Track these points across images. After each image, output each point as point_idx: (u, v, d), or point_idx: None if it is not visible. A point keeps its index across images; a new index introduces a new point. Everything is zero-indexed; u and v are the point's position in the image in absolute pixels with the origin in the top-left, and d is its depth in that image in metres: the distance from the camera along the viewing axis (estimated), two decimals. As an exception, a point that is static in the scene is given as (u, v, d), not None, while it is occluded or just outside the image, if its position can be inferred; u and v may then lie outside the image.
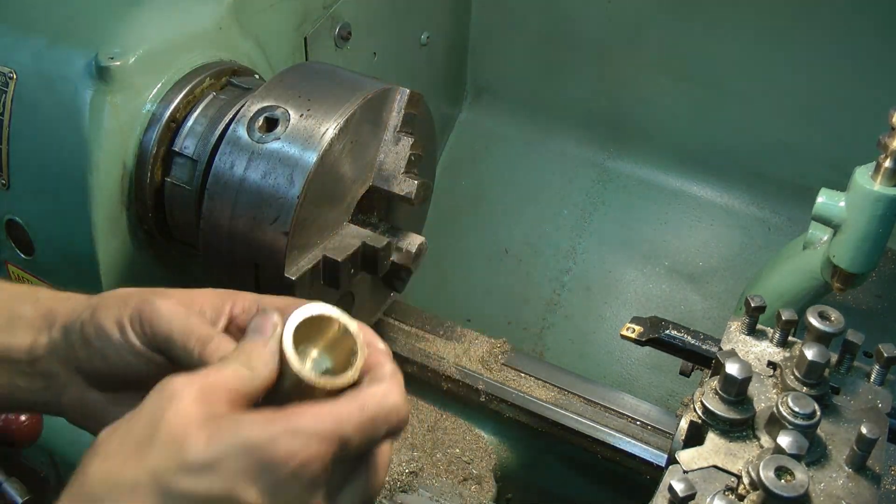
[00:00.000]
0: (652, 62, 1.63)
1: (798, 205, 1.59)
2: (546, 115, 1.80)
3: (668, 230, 1.70)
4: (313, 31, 1.23)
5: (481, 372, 1.17)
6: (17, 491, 0.96)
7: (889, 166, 0.92)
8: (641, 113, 1.70)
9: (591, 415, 1.12)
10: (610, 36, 1.64)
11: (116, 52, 0.91)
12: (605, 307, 1.69)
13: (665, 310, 1.63)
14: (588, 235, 1.75)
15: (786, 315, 0.77)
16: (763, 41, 1.50)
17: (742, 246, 1.65)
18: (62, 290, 0.73)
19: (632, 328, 1.00)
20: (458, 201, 1.82)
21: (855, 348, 0.75)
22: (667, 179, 1.73)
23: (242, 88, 1.00)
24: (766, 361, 0.76)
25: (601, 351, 1.65)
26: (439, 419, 1.19)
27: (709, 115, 1.62)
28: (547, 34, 1.72)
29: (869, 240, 0.95)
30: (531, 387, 1.16)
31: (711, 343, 0.95)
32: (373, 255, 0.94)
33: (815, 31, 1.45)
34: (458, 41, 1.77)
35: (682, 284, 1.66)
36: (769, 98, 1.54)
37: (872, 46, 1.41)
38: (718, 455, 0.66)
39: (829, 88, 1.48)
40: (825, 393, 0.71)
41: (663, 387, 1.58)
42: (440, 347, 1.21)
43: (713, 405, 0.68)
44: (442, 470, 1.12)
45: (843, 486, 0.64)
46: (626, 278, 1.70)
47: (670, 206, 1.71)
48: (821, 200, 0.98)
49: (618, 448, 1.09)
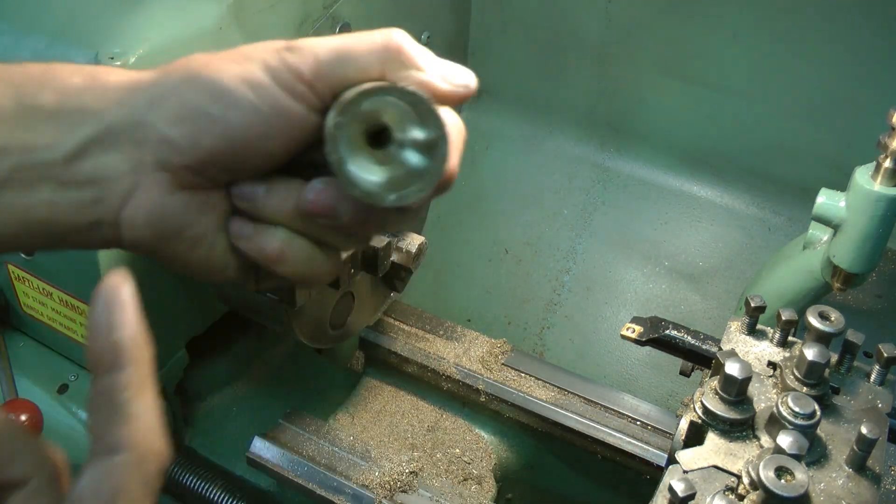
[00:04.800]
0: (652, 62, 1.63)
1: (798, 205, 1.59)
2: (546, 115, 1.79)
3: (668, 230, 1.70)
4: (313, 31, 1.23)
5: (481, 372, 1.17)
6: (17, 491, 0.96)
7: (889, 166, 0.91)
8: (641, 113, 1.70)
9: (591, 415, 1.12)
10: (610, 36, 1.64)
11: (117, 51, 0.91)
12: (605, 307, 1.69)
13: (665, 310, 1.63)
14: (588, 235, 1.75)
15: (786, 315, 0.77)
16: (763, 41, 1.50)
17: (742, 246, 1.65)
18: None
19: (632, 328, 1.00)
20: (458, 201, 1.82)
21: (855, 348, 0.75)
22: (667, 179, 1.73)
23: (242, 88, 1.00)
24: (766, 361, 0.76)
25: (601, 351, 1.65)
26: (439, 419, 1.19)
27: (709, 115, 1.62)
28: (547, 34, 1.71)
29: (869, 240, 0.95)
30: (531, 387, 1.16)
31: (711, 343, 0.95)
32: (373, 255, 0.94)
33: (816, 31, 1.44)
34: (458, 41, 1.77)
35: (682, 284, 1.66)
36: (769, 98, 1.54)
37: (873, 46, 1.41)
38: (718, 455, 0.66)
39: (829, 88, 1.48)
40: (825, 393, 0.71)
41: (663, 387, 1.58)
42: (440, 347, 1.21)
43: (713, 405, 0.68)
44: (442, 470, 1.11)
45: (843, 486, 0.64)
46: (626, 278, 1.70)
47: (670, 206, 1.71)
48: (821, 200, 0.98)
49: (618, 448, 1.09)
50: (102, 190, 0.52)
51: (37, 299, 1.04)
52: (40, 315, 1.06)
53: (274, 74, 0.52)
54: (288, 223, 0.57)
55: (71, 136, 0.51)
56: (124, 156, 0.52)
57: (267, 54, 0.54)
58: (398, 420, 1.18)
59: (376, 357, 1.25)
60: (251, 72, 0.52)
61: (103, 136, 0.52)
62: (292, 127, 0.53)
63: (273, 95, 0.52)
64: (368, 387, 1.23)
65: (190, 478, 1.08)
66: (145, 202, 0.53)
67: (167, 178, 0.53)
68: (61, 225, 0.52)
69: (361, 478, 1.00)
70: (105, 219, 0.53)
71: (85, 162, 0.51)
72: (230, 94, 0.51)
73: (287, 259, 0.57)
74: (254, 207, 0.56)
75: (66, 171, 0.51)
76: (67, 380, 1.08)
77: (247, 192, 0.56)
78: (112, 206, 0.53)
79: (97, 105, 0.52)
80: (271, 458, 1.02)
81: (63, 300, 1.00)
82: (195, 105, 0.52)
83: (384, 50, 0.55)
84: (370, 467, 1.01)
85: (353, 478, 1.00)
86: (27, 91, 0.51)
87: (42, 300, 1.04)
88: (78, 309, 0.99)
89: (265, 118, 0.52)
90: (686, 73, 1.61)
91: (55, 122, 0.51)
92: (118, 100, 0.52)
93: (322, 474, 1.00)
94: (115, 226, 0.53)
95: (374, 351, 1.25)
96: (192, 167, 0.53)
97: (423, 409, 1.20)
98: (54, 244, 0.54)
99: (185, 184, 0.54)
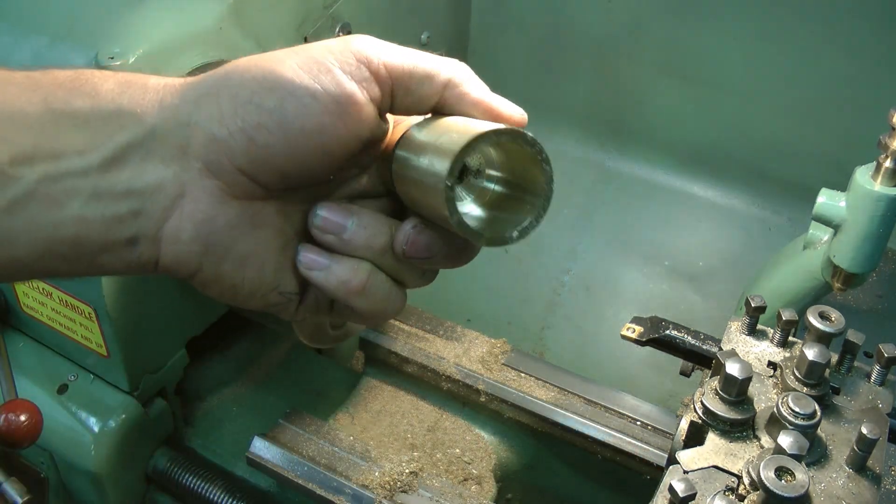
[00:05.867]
0: (652, 62, 1.63)
1: (798, 205, 1.59)
2: (546, 116, 1.79)
3: (668, 230, 1.70)
4: (313, 31, 1.23)
5: (481, 372, 1.17)
6: (17, 491, 0.96)
7: (889, 166, 0.91)
8: (641, 113, 1.70)
9: (591, 415, 1.12)
10: (610, 36, 1.64)
11: (116, 51, 0.91)
12: (605, 307, 1.69)
13: (665, 310, 1.63)
14: (588, 235, 1.75)
15: (786, 315, 0.77)
16: (763, 41, 1.50)
17: (742, 246, 1.65)
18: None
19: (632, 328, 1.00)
20: (458, 201, 1.82)
21: (855, 348, 0.75)
22: (667, 179, 1.73)
23: (242, 88, 1.00)
24: (767, 361, 0.76)
25: (601, 351, 1.65)
26: (439, 419, 1.19)
27: (709, 115, 1.62)
28: (547, 34, 1.71)
29: (869, 240, 0.95)
30: (531, 387, 1.16)
31: (712, 343, 0.95)
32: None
33: (816, 31, 1.44)
34: (458, 41, 1.77)
35: (682, 284, 1.66)
36: (769, 98, 1.54)
37: (873, 46, 1.41)
38: (718, 455, 0.66)
39: (829, 88, 1.48)
40: (825, 393, 0.71)
41: (663, 387, 1.58)
42: (440, 347, 1.21)
43: (713, 405, 0.68)
44: (442, 470, 1.11)
45: (843, 486, 0.64)
46: (626, 278, 1.70)
47: (670, 206, 1.71)
48: (821, 200, 0.98)
49: (618, 448, 1.09)
50: (142, 201, 0.46)
51: (37, 299, 1.04)
52: (40, 315, 1.06)
53: (338, 56, 0.49)
54: (373, 258, 0.54)
55: (107, 141, 0.45)
56: (168, 162, 0.46)
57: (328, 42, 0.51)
58: (398, 420, 1.18)
59: (376, 357, 1.25)
60: (311, 56, 0.48)
61: (143, 141, 0.46)
62: (354, 119, 0.49)
63: (336, 80, 0.48)
64: (368, 387, 1.23)
65: (190, 478, 1.08)
66: (193, 213, 0.47)
67: (217, 186, 0.48)
68: (92, 244, 0.46)
69: (361, 478, 1.00)
70: (144, 234, 0.47)
71: (122, 170, 0.46)
72: (287, 83, 0.46)
73: (369, 293, 0.54)
74: (339, 240, 0.53)
75: (101, 181, 0.45)
76: (67, 380, 1.07)
77: (332, 222, 0.53)
78: (153, 220, 0.47)
79: (136, 108, 0.47)
80: (271, 458, 1.02)
81: (63, 300, 1.00)
82: (247, 98, 0.46)
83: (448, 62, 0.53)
84: (370, 467, 1.01)
85: (353, 478, 1.00)
86: (57, 96, 0.46)
87: (42, 300, 1.04)
88: (78, 309, 0.99)
89: (325, 107, 0.47)
90: (686, 73, 1.61)
91: (89, 127, 0.45)
92: (160, 101, 0.47)
93: (322, 474, 1.00)
94: (155, 242, 0.48)
95: (374, 351, 1.25)
96: (244, 170, 0.48)
97: (423, 409, 1.20)
98: (81, 268, 0.48)
99: (236, 192, 0.49)
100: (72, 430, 1.05)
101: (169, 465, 1.10)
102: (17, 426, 0.93)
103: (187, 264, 0.49)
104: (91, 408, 1.05)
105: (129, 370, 1.03)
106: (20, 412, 0.94)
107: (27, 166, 0.44)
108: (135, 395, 1.05)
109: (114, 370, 1.04)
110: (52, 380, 1.08)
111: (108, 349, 1.00)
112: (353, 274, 0.53)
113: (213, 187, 0.48)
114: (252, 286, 0.53)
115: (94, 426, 1.04)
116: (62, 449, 1.06)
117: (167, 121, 0.47)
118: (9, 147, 0.43)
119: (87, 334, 1.01)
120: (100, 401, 1.05)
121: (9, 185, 0.43)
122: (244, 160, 0.47)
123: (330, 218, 0.53)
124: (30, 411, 0.95)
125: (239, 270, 0.51)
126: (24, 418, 0.94)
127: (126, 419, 1.05)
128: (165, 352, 1.08)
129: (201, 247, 0.49)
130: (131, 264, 0.48)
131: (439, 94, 0.52)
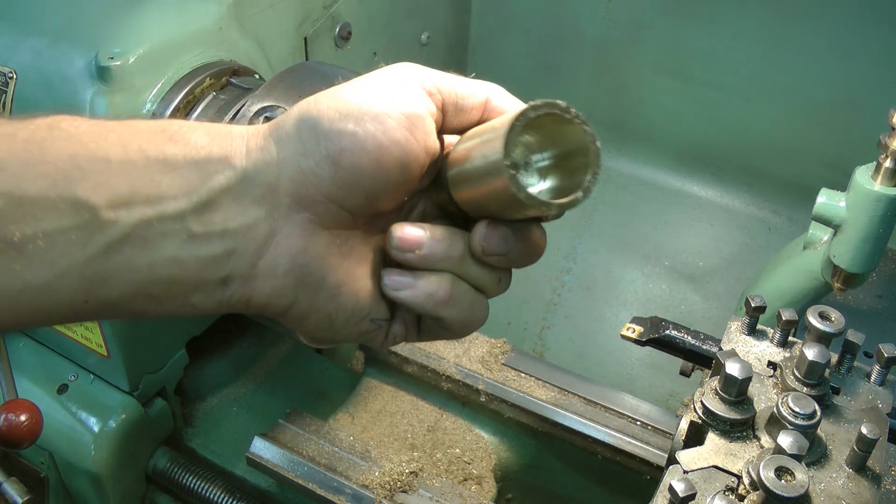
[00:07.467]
0: (652, 62, 1.63)
1: (798, 205, 1.59)
2: (546, 115, 1.79)
3: (668, 230, 1.70)
4: (313, 31, 1.23)
5: (481, 372, 1.17)
6: (17, 491, 0.96)
7: (889, 166, 0.91)
8: (641, 113, 1.70)
9: (591, 415, 1.12)
10: (610, 36, 1.64)
11: (116, 51, 0.91)
12: (605, 307, 1.69)
13: (665, 310, 1.63)
14: (588, 235, 1.75)
15: (786, 315, 0.77)
16: (763, 41, 1.50)
17: (742, 246, 1.65)
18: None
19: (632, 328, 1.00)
20: (458, 201, 1.82)
21: (855, 348, 0.75)
22: (667, 179, 1.73)
23: (242, 88, 1.00)
24: (767, 361, 0.76)
25: (601, 351, 1.65)
26: (439, 419, 1.19)
27: (709, 115, 1.62)
28: (547, 34, 1.71)
29: (869, 240, 0.95)
30: (531, 387, 1.16)
31: (711, 343, 0.95)
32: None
33: (816, 31, 1.45)
34: (458, 41, 1.77)
35: (682, 284, 1.66)
36: (769, 98, 1.54)
37: (873, 47, 1.41)
38: (718, 455, 0.66)
39: (829, 88, 1.48)
40: (825, 393, 0.71)
41: (663, 387, 1.58)
42: (440, 347, 1.21)
43: (713, 405, 0.68)
44: (442, 470, 1.11)
45: (843, 486, 0.64)
46: (626, 278, 1.70)
47: (670, 206, 1.71)
48: (821, 200, 0.98)
49: (618, 448, 1.09)
50: (236, 241, 0.49)
51: (37, 299, 1.04)
52: (40, 315, 1.06)
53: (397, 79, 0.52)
54: (454, 269, 0.57)
55: (201, 186, 0.48)
56: (259, 202, 0.49)
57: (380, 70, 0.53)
58: (398, 420, 1.18)
59: (376, 357, 1.25)
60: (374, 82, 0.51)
61: (235, 184, 0.49)
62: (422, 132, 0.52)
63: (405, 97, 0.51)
64: (368, 387, 1.23)
65: (190, 478, 1.08)
66: (286, 247, 0.50)
67: (307, 218, 0.50)
68: (186, 284, 0.49)
69: (361, 478, 1.00)
70: (238, 272, 0.49)
71: (216, 213, 0.48)
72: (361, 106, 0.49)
73: (456, 301, 0.57)
74: (418, 257, 0.55)
75: (196, 224, 0.47)
76: (67, 380, 1.07)
77: (408, 240, 0.55)
78: (247, 258, 0.49)
79: (226, 154, 0.49)
80: (271, 458, 1.02)
81: (63, 300, 1.00)
82: (327, 127, 0.49)
83: (484, 83, 0.57)
84: (370, 467, 1.01)
85: (353, 478, 1.00)
86: (152, 143, 0.48)
87: (42, 300, 1.04)
88: (78, 309, 0.99)
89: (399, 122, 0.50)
90: (686, 73, 1.61)
91: (184, 173, 0.48)
92: (246, 145, 0.50)
93: (322, 474, 1.00)
94: (248, 280, 0.50)
95: (374, 351, 1.25)
96: (332, 196, 0.50)
97: (423, 409, 1.20)
98: (172, 308, 0.50)
99: (325, 222, 0.51)
100: (72, 430, 1.05)
101: (169, 465, 1.10)
102: (17, 426, 0.93)
103: (282, 298, 0.52)
104: (91, 408, 1.05)
105: (129, 370, 1.03)
106: (20, 412, 0.94)
107: (124, 210, 0.46)
108: (135, 395, 1.05)
109: (114, 370, 1.04)
110: (52, 380, 1.08)
111: (108, 349, 1.00)
112: (438, 285, 0.56)
113: (303, 220, 0.50)
114: (346, 315, 0.55)
115: (94, 426, 1.04)
116: (62, 449, 1.06)
117: (256, 163, 0.49)
118: (106, 191, 0.46)
119: (87, 334, 1.01)
120: (100, 401, 1.05)
121: (106, 228, 0.45)
122: (332, 186, 0.50)
123: (405, 236, 0.55)
124: (30, 411, 0.95)
125: (333, 300, 0.53)
126: (24, 418, 0.94)
127: (126, 419, 1.05)
128: (165, 352, 1.08)
129: (296, 279, 0.51)
130: (222, 303, 0.51)
131: (481, 110, 0.56)
